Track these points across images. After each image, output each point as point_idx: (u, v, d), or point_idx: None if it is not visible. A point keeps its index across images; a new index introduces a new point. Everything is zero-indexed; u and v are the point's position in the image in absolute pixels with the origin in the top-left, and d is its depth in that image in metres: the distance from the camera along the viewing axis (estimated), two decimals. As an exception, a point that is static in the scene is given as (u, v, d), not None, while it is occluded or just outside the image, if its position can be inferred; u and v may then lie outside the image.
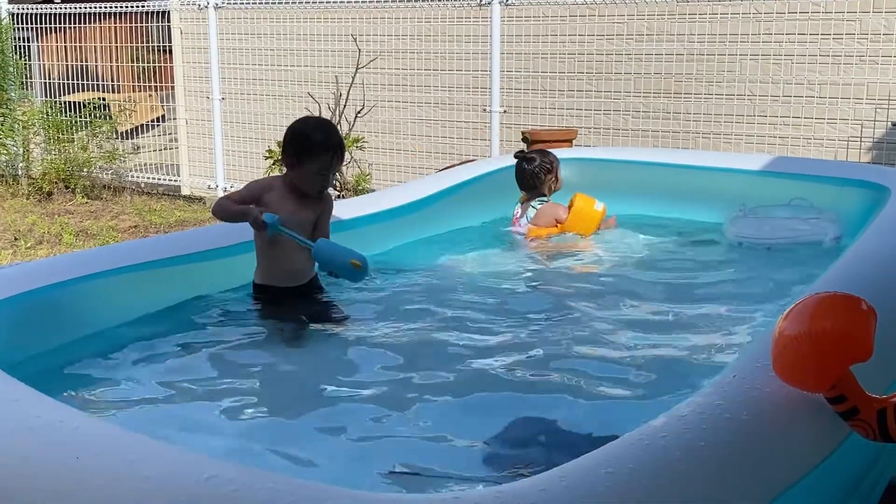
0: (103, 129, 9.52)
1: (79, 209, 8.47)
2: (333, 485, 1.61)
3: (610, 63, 7.59)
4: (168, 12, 9.62)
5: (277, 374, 2.99)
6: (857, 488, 2.13)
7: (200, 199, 9.24)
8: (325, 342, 3.27)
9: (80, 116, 9.75)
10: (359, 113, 7.99)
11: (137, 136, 10.72)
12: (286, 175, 3.45)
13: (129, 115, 9.89)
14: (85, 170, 9.11)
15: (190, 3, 9.43)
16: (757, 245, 4.51)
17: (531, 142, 6.51)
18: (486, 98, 7.94)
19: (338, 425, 2.57)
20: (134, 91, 10.24)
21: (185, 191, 9.69)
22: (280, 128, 4.24)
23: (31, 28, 10.17)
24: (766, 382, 1.94)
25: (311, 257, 3.35)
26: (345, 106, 8.03)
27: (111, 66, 10.26)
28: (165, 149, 10.33)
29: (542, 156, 5.05)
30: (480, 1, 7.87)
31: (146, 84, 10.07)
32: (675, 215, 5.18)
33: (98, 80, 10.38)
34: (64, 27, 10.04)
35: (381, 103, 8.49)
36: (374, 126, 8.50)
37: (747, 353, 2.21)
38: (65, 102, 10.01)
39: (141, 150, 10.37)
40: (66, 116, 9.74)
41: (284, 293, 3.45)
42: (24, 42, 10.19)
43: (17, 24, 9.97)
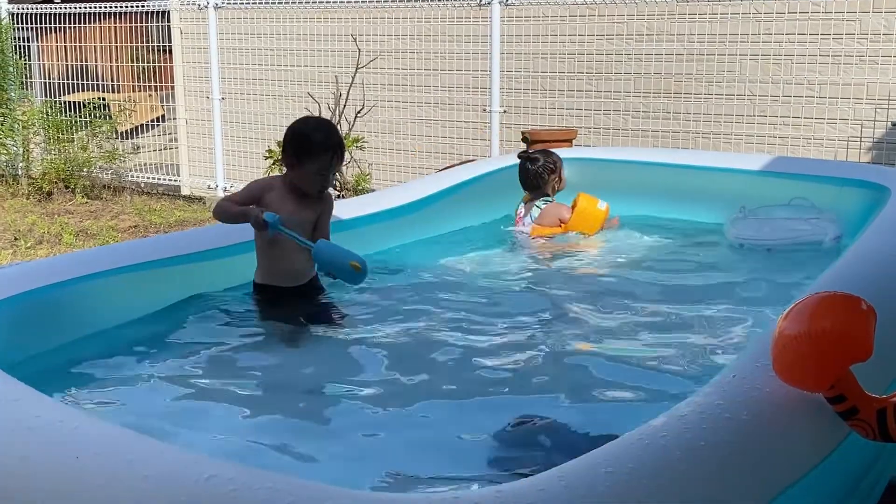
0: (103, 128, 9.52)
1: (79, 209, 8.47)
2: (333, 485, 1.61)
3: (610, 63, 7.59)
4: (168, 12, 9.62)
5: (277, 374, 2.99)
6: (857, 488, 2.14)
7: (200, 199, 9.24)
8: (325, 342, 3.27)
9: (80, 116, 9.75)
10: (359, 113, 7.99)
11: (137, 136, 10.72)
12: (286, 175, 3.45)
13: (129, 114, 9.89)
14: (85, 170, 9.11)
15: (190, 2, 9.42)
16: (757, 246, 4.51)
17: (531, 142, 6.51)
18: (486, 98, 7.94)
19: (338, 425, 2.57)
20: (134, 91, 10.24)
21: (184, 191, 9.68)
22: (280, 128, 4.24)
23: (31, 28, 10.17)
24: (766, 382, 1.94)
25: (311, 258, 3.35)
26: (345, 106, 8.04)
27: (111, 66, 10.26)
28: (165, 149, 10.33)
29: (546, 156, 5.05)
30: (480, 1, 7.87)
31: (146, 84, 10.07)
32: (676, 215, 5.18)
33: (98, 80, 10.38)
34: (64, 27, 10.04)
35: (380, 103, 8.49)
36: (374, 126, 8.50)
37: (747, 353, 2.21)
38: (65, 102, 10.01)
39: (141, 150, 10.37)
40: (65, 116, 9.74)
41: (285, 293, 3.45)
42: (23, 42, 10.19)
43: (17, 23, 9.97)
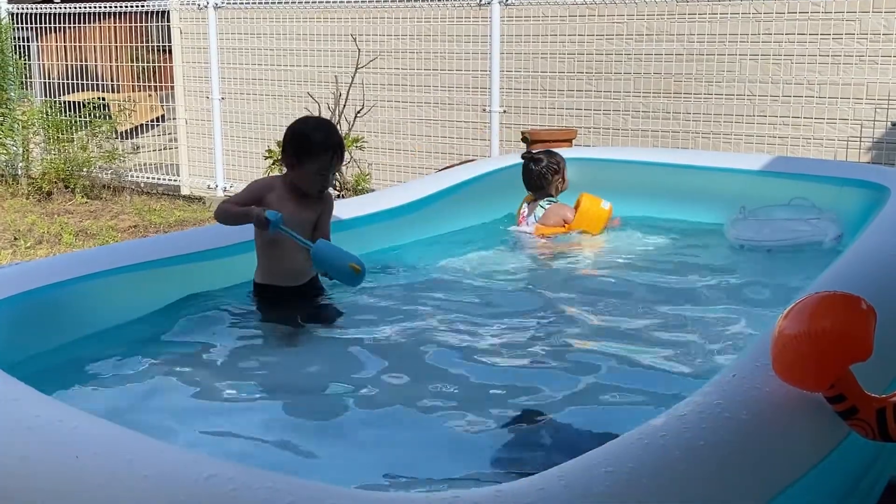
0: (103, 128, 9.53)
1: (78, 209, 8.47)
2: (333, 485, 1.61)
3: (610, 63, 7.59)
4: (168, 12, 9.61)
5: (277, 373, 2.99)
6: (857, 487, 2.14)
7: (200, 198, 9.23)
8: (325, 342, 3.27)
9: (80, 116, 9.75)
10: (358, 113, 7.99)
11: (137, 136, 10.72)
12: (286, 175, 3.45)
13: (129, 114, 9.90)
14: (84, 169, 9.11)
15: (190, 2, 9.42)
16: (757, 247, 4.50)
17: (531, 142, 6.51)
18: (486, 98, 7.94)
19: (337, 425, 2.57)
20: (134, 91, 10.24)
21: (184, 191, 9.68)
22: (280, 128, 4.24)
23: (31, 28, 10.17)
24: (766, 382, 1.94)
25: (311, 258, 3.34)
26: (344, 106, 8.04)
27: (111, 66, 10.26)
28: (165, 149, 10.33)
29: (549, 156, 5.05)
30: (480, 1, 7.87)
31: (146, 84, 10.07)
32: (675, 216, 5.17)
33: (98, 80, 10.38)
34: (64, 27, 10.04)
35: (380, 103, 8.49)
36: (374, 126, 8.50)
37: (747, 353, 2.21)
38: (64, 102, 10.01)
39: (140, 150, 10.37)
40: (65, 116, 9.74)
41: (285, 293, 3.45)
42: (23, 42, 10.19)
43: (17, 23, 9.97)
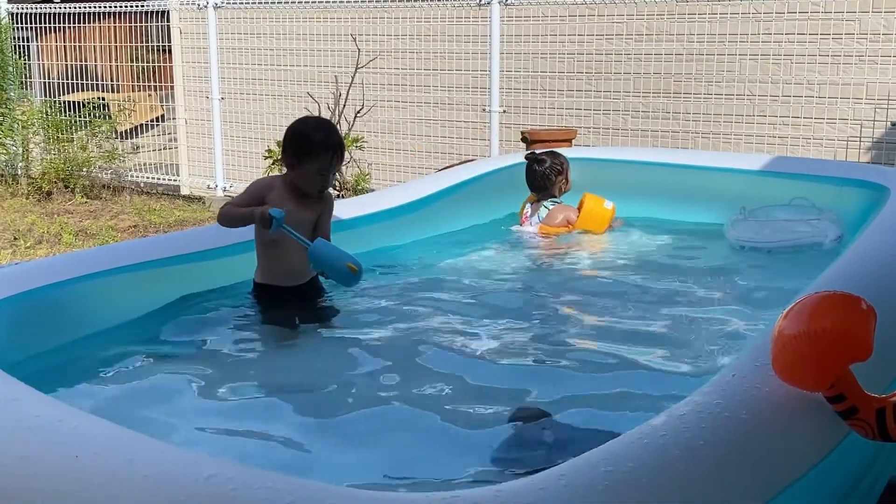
0: (103, 128, 9.53)
1: (78, 209, 8.47)
2: (333, 484, 1.61)
3: (610, 63, 7.59)
4: (167, 12, 9.61)
5: (277, 373, 2.99)
6: (857, 487, 2.14)
7: (200, 198, 9.24)
8: (325, 342, 3.27)
9: (80, 116, 9.75)
10: (358, 113, 7.99)
11: (137, 136, 10.72)
12: (286, 175, 3.45)
13: (129, 114, 9.90)
14: (84, 169, 9.12)
15: (189, 2, 9.42)
16: (758, 248, 4.50)
17: (530, 142, 6.51)
18: (486, 98, 7.94)
19: (337, 424, 2.57)
20: (133, 91, 10.24)
21: (184, 190, 9.68)
22: (280, 128, 4.25)
23: (31, 28, 10.17)
24: (766, 381, 1.94)
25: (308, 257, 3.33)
26: (344, 106, 8.04)
27: (111, 66, 10.26)
28: (165, 148, 10.33)
29: (553, 157, 5.06)
30: (480, 1, 7.87)
31: (146, 84, 10.07)
32: (675, 215, 5.17)
33: (97, 80, 10.38)
34: (63, 27, 10.04)
35: (380, 103, 8.49)
36: (374, 126, 8.50)
37: (746, 353, 2.21)
38: (64, 102, 10.01)
39: (140, 150, 10.37)
40: (65, 116, 9.74)
41: (285, 292, 3.45)
42: (23, 42, 10.19)
43: (17, 23, 9.97)
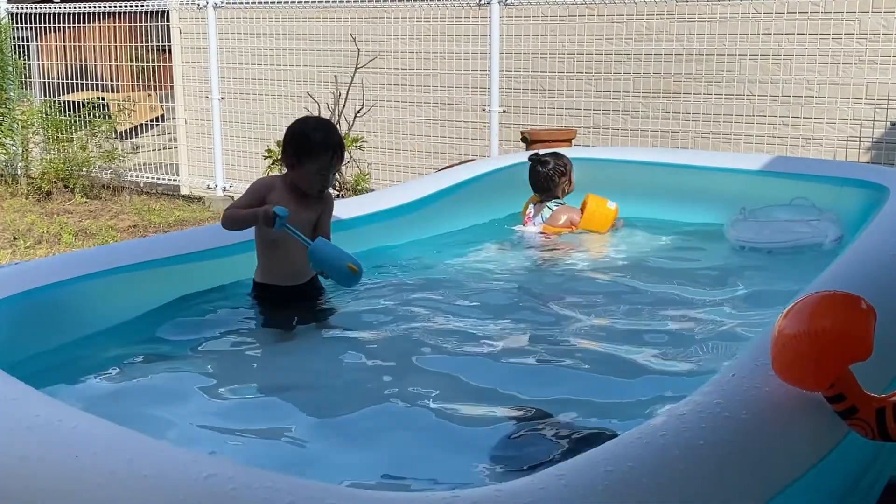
0: (102, 128, 9.53)
1: (78, 209, 8.47)
2: (333, 484, 1.61)
3: (609, 63, 7.59)
4: (167, 12, 9.61)
5: (277, 373, 2.99)
6: (856, 487, 2.14)
7: (199, 198, 9.24)
8: (325, 341, 3.27)
9: (80, 116, 9.75)
10: (358, 113, 7.99)
11: (136, 136, 10.72)
12: (286, 175, 3.45)
13: (129, 114, 9.90)
14: (84, 169, 9.12)
15: (189, 2, 9.42)
16: (758, 248, 4.50)
17: (530, 141, 6.52)
18: (486, 98, 7.94)
19: (337, 424, 2.57)
20: (133, 91, 10.24)
21: (184, 190, 9.68)
22: (279, 127, 4.25)
23: (31, 28, 10.17)
24: (765, 381, 1.94)
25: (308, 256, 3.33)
26: (344, 105, 8.04)
27: (110, 66, 10.26)
28: (164, 148, 10.33)
29: (556, 158, 5.06)
30: (480, 1, 7.87)
31: (145, 84, 10.07)
32: (675, 215, 5.17)
33: (97, 80, 10.38)
34: (63, 27, 10.04)
35: (380, 103, 8.49)
36: (374, 126, 8.50)
37: (746, 353, 2.21)
38: (64, 102, 10.01)
39: (140, 150, 10.37)
40: (65, 116, 9.74)
41: (285, 292, 3.45)
42: (23, 42, 10.19)
43: (17, 23, 9.97)
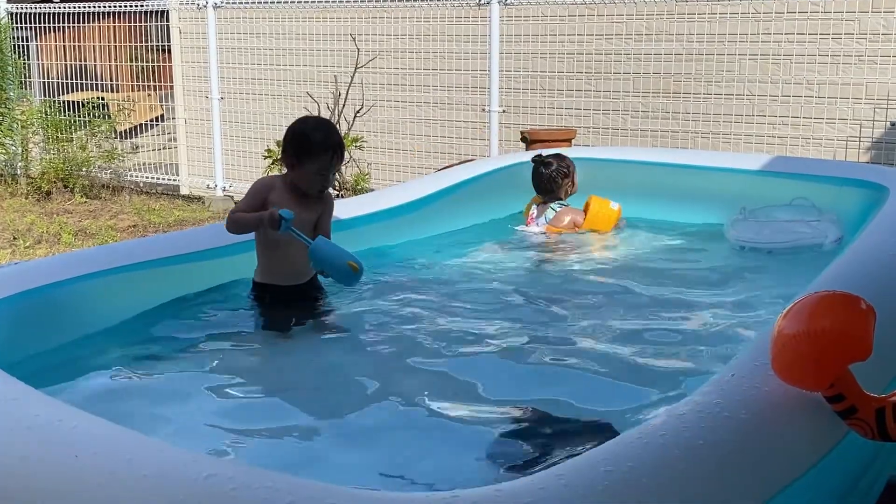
0: (102, 128, 9.53)
1: (77, 208, 8.47)
2: (333, 484, 1.61)
3: (609, 63, 7.59)
4: (167, 11, 9.61)
5: (276, 373, 2.99)
6: (856, 487, 2.14)
7: (199, 198, 9.24)
8: (325, 341, 3.27)
9: (79, 116, 9.75)
10: (358, 112, 7.99)
11: (136, 136, 10.72)
12: (286, 175, 3.45)
13: (128, 114, 9.90)
14: (84, 169, 9.12)
15: (189, 2, 9.42)
16: (758, 248, 4.50)
17: (530, 141, 6.52)
18: (485, 98, 7.94)
19: (337, 424, 2.57)
20: (133, 90, 10.24)
21: (183, 190, 9.68)
22: (279, 127, 4.25)
23: (30, 27, 10.17)
24: (765, 381, 1.94)
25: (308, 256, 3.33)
26: (344, 105, 8.04)
27: (110, 66, 10.26)
28: (164, 148, 10.33)
29: (559, 160, 5.07)
30: (479, 0, 7.87)
31: (145, 83, 10.07)
32: (675, 215, 5.17)
33: (97, 80, 10.38)
34: (63, 26, 10.04)
35: (380, 103, 8.49)
36: (373, 125, 8.50)
37: (746, 352, 2.21)
38: (64, 102, 10.01)
39: (140, 150, 10.37)
40: (64, 116, 9.74)
41: (285, 292, 3.44)
42: (23, 41, 10.19)
43: (16, 23, 9.96)
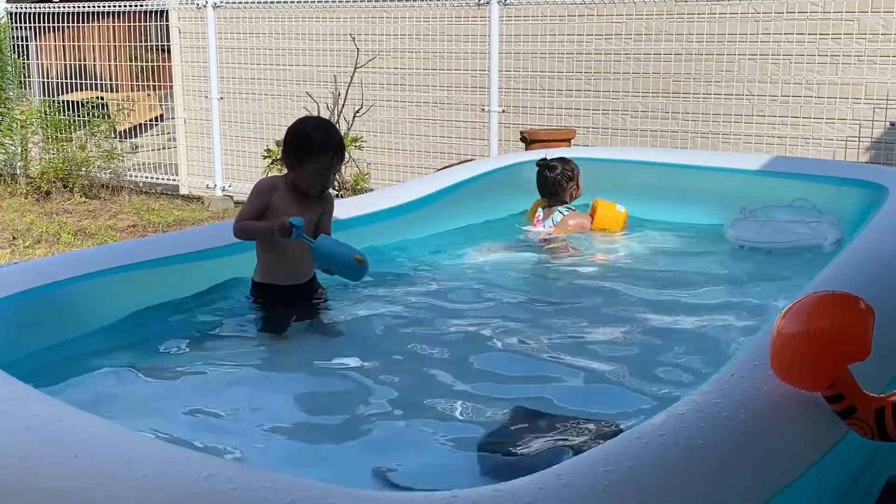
0: (101, 128, 9.53)
1: (77, 208, 8.46)
2: (333, 484, 1.61)
3: (609, 63, 7.59)
4: (167, 11, 9.61)
5: (276, 373, 2.99)
6: (855, 487, 2.14)
7: (199, 198, 9.23)
8: (325, 341, 3.27)
9: (79, 116, 9.75)
10: (357, 112, 7.99)
11: (136, 136, 10.72)
12: (287, 175, 3.45)
13: (128, 114, 9.90)
14: (83, 169, 9.12)
15: (188, 2, 9.42)
16: (757, 248, 4.50)
17: (529, 141, 6.53)
18: (485, 97, 7.94)
19: (337, 424, 2.57)
20: (132, 90, 10.24)
21: (183, 190, 9.68)
22: (279, 127, 4.24)
23: (30, 27, 10.17)
24: (765, 381, 1.94)
25: (312, 255, 3.33)
26: (343, 105, 8.04)
27: (110, 66, 10.26)
28: (164, 148, 10.33)
29: (564, 164, 5.07)
30: (479, 0, 7.87)
31: (145, 83, 10.07)
32: (675, 215, 5.17)
33: (96, 80, 10.37)
34: (62, 26, 10.03)
35: (379, 103, 8.49)
36: (373, 125, 8.50)
37: (745, 352, 2.21)
38: (63, 102, 10.01)
39: (139, 150, 10.37)
40: (64, 116, 9.74)
41: (285, 292, 3.44)
42: (22, 41, 10.18)
43: (16, 23, 9.96)
